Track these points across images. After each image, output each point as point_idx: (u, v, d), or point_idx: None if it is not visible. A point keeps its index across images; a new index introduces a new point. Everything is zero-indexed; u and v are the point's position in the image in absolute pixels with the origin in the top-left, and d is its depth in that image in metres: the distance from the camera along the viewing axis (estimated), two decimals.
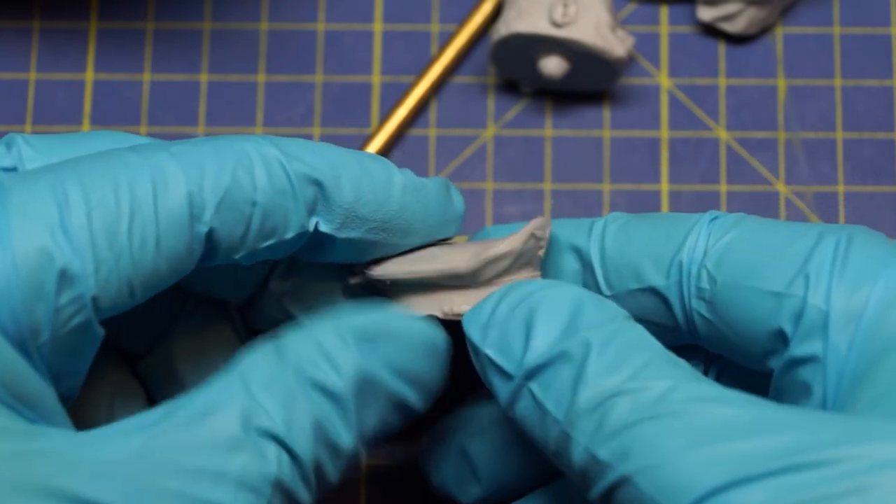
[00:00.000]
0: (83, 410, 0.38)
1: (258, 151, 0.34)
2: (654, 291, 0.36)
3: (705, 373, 0.38)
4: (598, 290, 0.37)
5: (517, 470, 0.39)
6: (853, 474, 0.29)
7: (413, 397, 0.35)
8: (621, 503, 0.32)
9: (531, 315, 0.34)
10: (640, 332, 0.34)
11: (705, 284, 0.35)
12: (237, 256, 0.35)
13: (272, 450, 0.32)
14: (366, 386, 0.34)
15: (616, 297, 0.37)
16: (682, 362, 0.33)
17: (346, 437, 0.34)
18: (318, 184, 0.35)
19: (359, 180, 0.36)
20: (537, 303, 0.34)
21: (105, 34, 0.49)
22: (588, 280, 0.38)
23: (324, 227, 0.36)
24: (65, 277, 0.32)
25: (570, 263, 0.38)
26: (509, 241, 0.37)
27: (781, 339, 0.34)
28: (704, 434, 0.31)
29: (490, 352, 0.35)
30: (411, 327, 0.35)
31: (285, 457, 0.32)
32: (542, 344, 0.34)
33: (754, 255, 0.35)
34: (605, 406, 0.32)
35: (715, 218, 0.36)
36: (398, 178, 0.36)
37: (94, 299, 0.32)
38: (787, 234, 0.35)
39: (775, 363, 0.35)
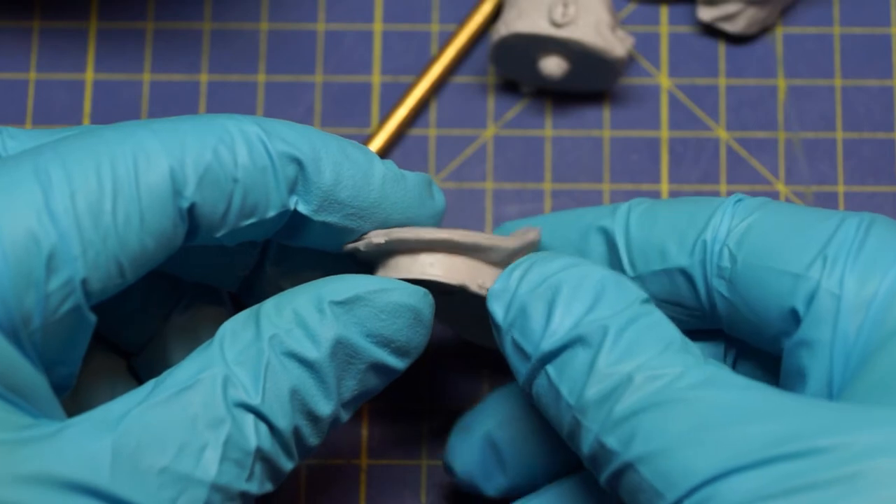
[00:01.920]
0: (84, 404, 0.38)
1: (240, 129, 0.35)
2: (678, 271, 0.37)
3: (724, 357, 0.38)
4: (623, 272, 0.37)
5: (543, 459, 0.39)
6: (845, 462, 0.29)
7: (393, 360, 0.36)
8: (625, 488, 0.32)
9: (553, 296, 0.35)
10: (658, 317, 0.34)
11: (726, 263, 0.36)
12: (219, 235, 0.35)
13: (250, 421, 0.33)
14: (344, 353, 0.35)
15: (640, 279, 0.37)
16: (693, 348, 0.34)
17: (324, 405, 0.34)
18: (298, 163, 0.35)
19: (339, 164, 0.36)
20: (560, 283, 0.35)
21: (105, 34, 0.49)
22: (613, 261, 0.38)
23: (302, 208, 0.36)
24: (53, 261, 0.32)
25: (598, 245, 0.38)
26: (536, 231, 0.38)
27: (794, 319, 0.34)
28: (703, 421, 0.31)
29: (511, 331, 0.35)
30: (389, 292, 0.35)
31: (263, 427, 0.33)
32: (560, 327, 0.34)
33: (775, 236, 0.35)
34: (615, 394, 0.32)
35: (739, 200, 0.37)
36: (379, 167, 0.36)
37: (84, 282, 0.32)
38: (810, 218, 0.35)
39: (786, 343, 0.35)
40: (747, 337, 0.36)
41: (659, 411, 0.32)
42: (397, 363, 0.36)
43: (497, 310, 0.35)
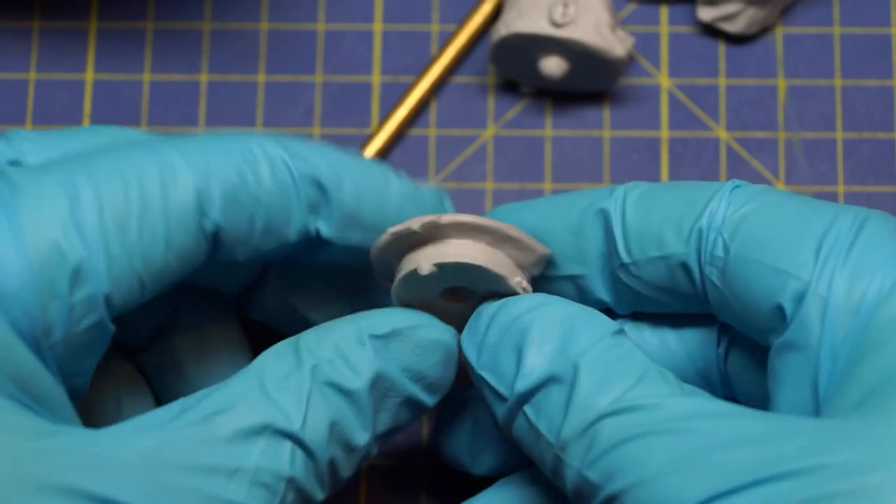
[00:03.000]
0: (90, 404, 0.38)
1: (263, 150, 0.35)
2: (674, 259, 0.36)
3: (717, 343, 0.38)
4: (618, 257, 0.37)
5: None
6: (828, 482, 0.29)
7: (426, 397, 0.36)
8: None
9: (522, 337, 0.35)
10: (629, 348, 0.34)
11: (720, 252, 0.36)
12: (240, 255, 0.35)
13: (287, 448, 0.32)
14: (381, 386, 0.35)
15: (636, 265, 0.37)
16: (669, 376, 0.34)
17: (361, 436, 0.34)
18: (320, 185, 0.35)
19: (359, 184, 0.36)
20: (528, 325, 0.35)
21: (105, 34, 0.49)
22: (610, 246, 0.38)
23: (323, 229, 0.36)
24: (78, 275, 0.32)
25: (595, 230, 0.38)
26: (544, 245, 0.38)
27: (781, 317, 0.34)
28: (687, 449, 0.31)
29: (484, 374, 0.35)
30: (426, 328, 0.36)
31: (300, 455, 0.33)
32: (533, 368, 0.34)
33: (769, 229, 0.35)
34: (594, 428, 0.33)
35: (737, 186, 0.36)
36: (395, 184, 0.37)
37: (107, 297, 0.32)
38: (805, 211, 0.35)
39: (774, 340, 0.35)
40: (736, 325, 0.36)
41: (640, 442, 0.32)
42: (428, 399, 0.36)
43: (470, 352, 0.36)
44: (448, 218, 0.36)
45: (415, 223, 0.36)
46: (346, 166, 0.36)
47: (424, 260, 0.36)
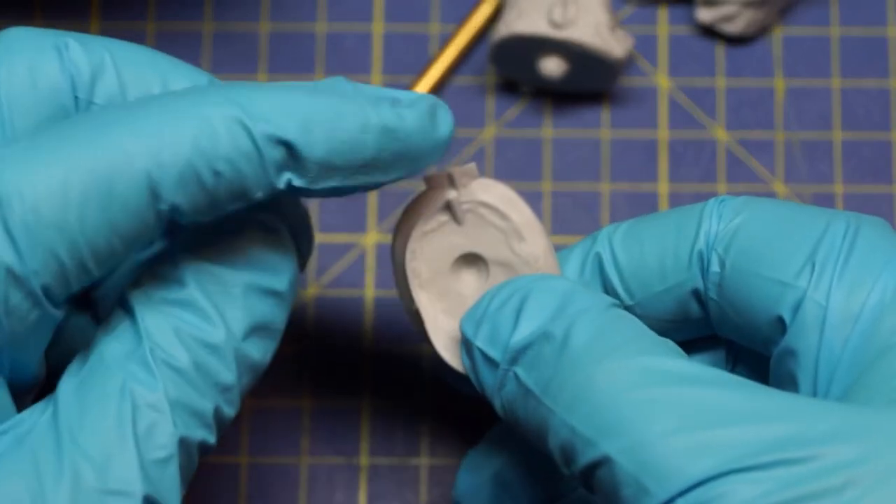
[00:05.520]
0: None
1: (220, 115, 0.32)
2: (681, 287, 0.36)
3: (725, 363, 0.38)
4: (619, 301, 0.37)
5: (555, 486, 0.39)
6: (841, 469, 0.29)
7: (265, 280, 0.34)
8: (603, 481, 0.31)
9: (521, 304, 0.35)
10: (628, 315, 0.34)
11: (716, 268, 0.36)
12: (200, 221, 0.33)
13: (155, 389, 0.32)
14: (208, 284, 0.33)
15: (640, 304, 0.37)
16: (670, 343, 0.33)
17: (214, 333, 0.33)
18: (286, 144, 0.32)
19: (332, 132, 0.33)
20: (528, 293, 0.35)
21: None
22: (608, 292, 0.38)
23: (297, 183, 0.33)
24: (11, 277, 0.30)
25: (594, 279, 0.38)
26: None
27: (781, 327, 0.34)
28: (695, 417, 0.30)
29: (480, 343, 0.35)
30: (233, 223, 0.34)
31: (150, 383, 0.32)
32: (528, 327, 0.34)
33: (762, 240, 0.35)
34: (587, 379, 0.32)
35: (722, 201, 0.36)
36: (374, 121, 0.34)
37: (47, 290, 0.31)
38: (796, 219, 0.35)
39: (774, 351, 0.35)
40: (737, 338, 0.36)
41: (641, 402, 0.31)
42: (270, 280, 0.34)
43: (468, 328, 0.35)
44: (487, 180, 0.37)
45: (454, 169, 0.37)
46: (317, 114, 0.33)
47: (465, 195, 0.37)
